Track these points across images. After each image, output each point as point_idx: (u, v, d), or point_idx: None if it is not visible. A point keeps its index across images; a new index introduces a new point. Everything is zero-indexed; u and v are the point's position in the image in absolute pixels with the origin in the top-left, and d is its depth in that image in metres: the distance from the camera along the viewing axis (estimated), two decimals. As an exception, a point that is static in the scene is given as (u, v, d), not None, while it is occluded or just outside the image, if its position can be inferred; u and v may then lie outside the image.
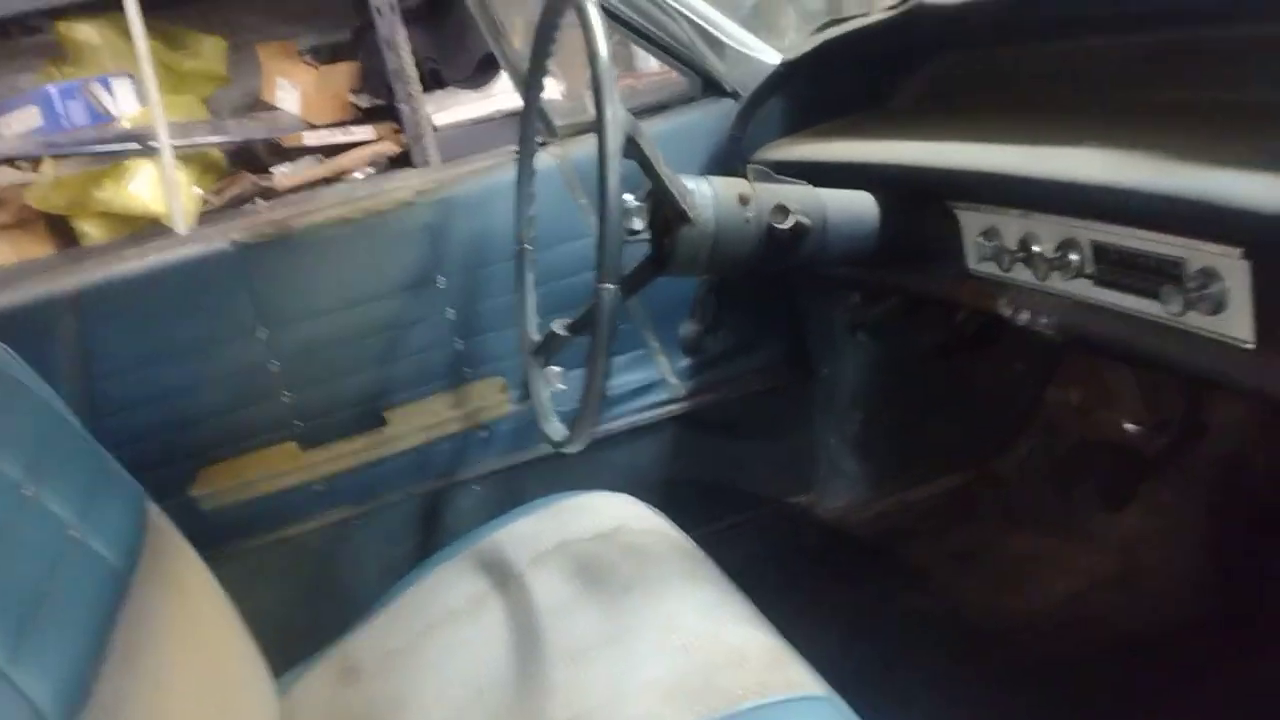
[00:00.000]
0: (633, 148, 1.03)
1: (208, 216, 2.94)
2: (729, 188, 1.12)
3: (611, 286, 0.95)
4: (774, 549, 1.72)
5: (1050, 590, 1.63)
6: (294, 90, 2.28)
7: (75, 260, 1.42)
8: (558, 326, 1.23)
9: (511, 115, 1.96)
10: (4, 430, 1.04)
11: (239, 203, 3.05)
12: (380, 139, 2.13)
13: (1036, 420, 1.89)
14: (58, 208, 2.87)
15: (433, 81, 2.09)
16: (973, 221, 1.12)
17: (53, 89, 2.14)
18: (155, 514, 1.21)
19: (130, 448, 1.24)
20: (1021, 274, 1.05)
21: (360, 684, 1.24)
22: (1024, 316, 1.07)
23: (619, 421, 1.68)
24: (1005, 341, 1.41)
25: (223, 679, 1.12)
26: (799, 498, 1.87)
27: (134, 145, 2.08)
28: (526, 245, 1.34)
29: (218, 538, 1.37)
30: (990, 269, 1.11)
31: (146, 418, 1.44)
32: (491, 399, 1.62)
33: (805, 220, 1.15)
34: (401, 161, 2.05)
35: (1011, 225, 1.05)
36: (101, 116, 2.27)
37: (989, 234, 1.10)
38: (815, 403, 1.83)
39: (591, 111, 0.98)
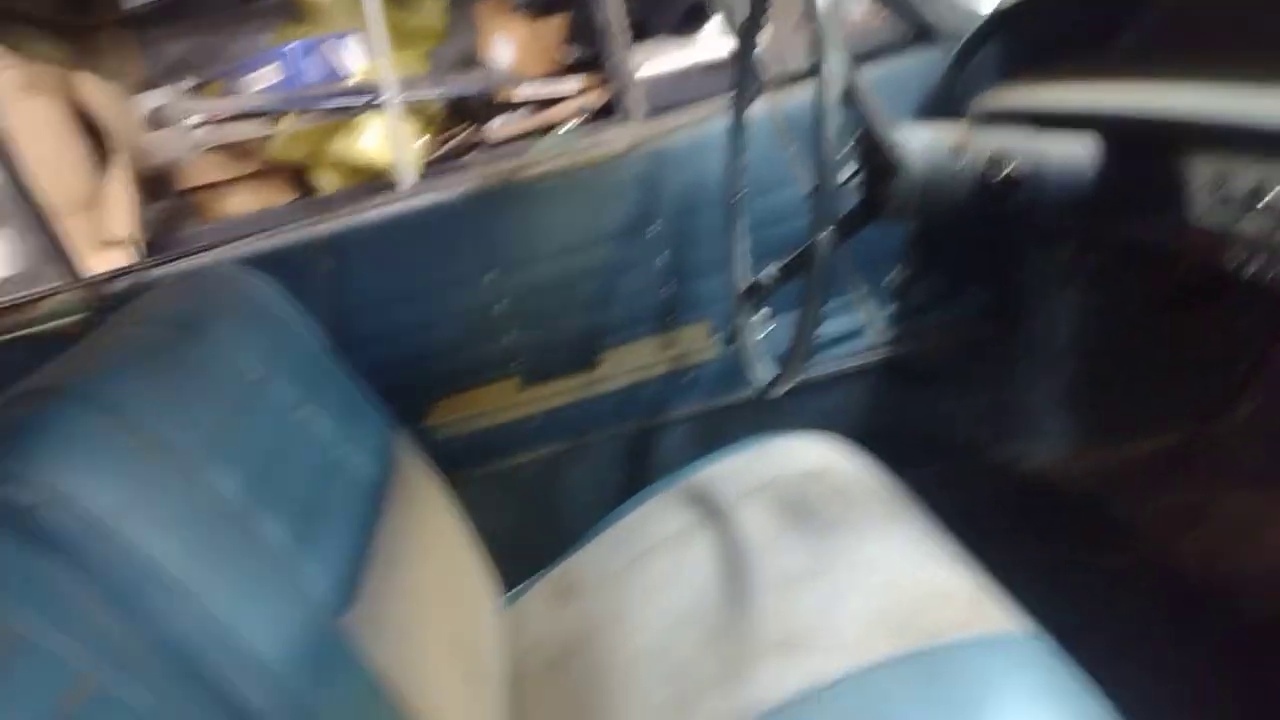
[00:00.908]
0: (851, 97, 1.05)
1: (429, 168, 3.12)
2: (941, 137, 1.13)
3: (829, 235, 0.99)
4: (974, 500, 1.72)
5: (1274, 550, 1.57)
6: (508, 45, 2.38)
7: (324, 208, 1.57)
8: (766, 273, 1.28)
9: (715, 66, 1.99)
10: (279, 360, 1.17)
11: (457, 154, 3.21)
12: (588, 91, 2.21)
13: (1260, 381, 1.80)
14: (295, 159, 3.11)
15: (640, 32, 2.14)
16: (1202, 169, 1.09)
17: (292, 47, 2.27)
18: (400, 440, 1.34)
19: (377, 378, 1.37)
20: (1252, 225, 1.02)
21: (576, 602, 1.34)
22: (1252, 270, 1.04)
23: (821, 368, 1.71)
24: (1230, 296, 1.36)
25: (459, 589, 1.24)
26: (1001, 450, 1.85)
27: (364, 99, 2.23)
28: (738, 194, 1.39)
29: (449, 464, 1.48)
30: (1218, 219, 1.08)
31: (389, 351, 1.58)
32: (699, 343, 1.68)
33: (1020, 170, 1.15)
34: (608, 112, 2.12)
35: (1244, 173, 1.02)
36: (334, 73, 2.44)
37: (1219, 182, 1.06)
38: (1021, 354, 1.80)
39: (798, 60, 1.00)
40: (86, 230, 3.19)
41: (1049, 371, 1.81)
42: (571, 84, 2.24)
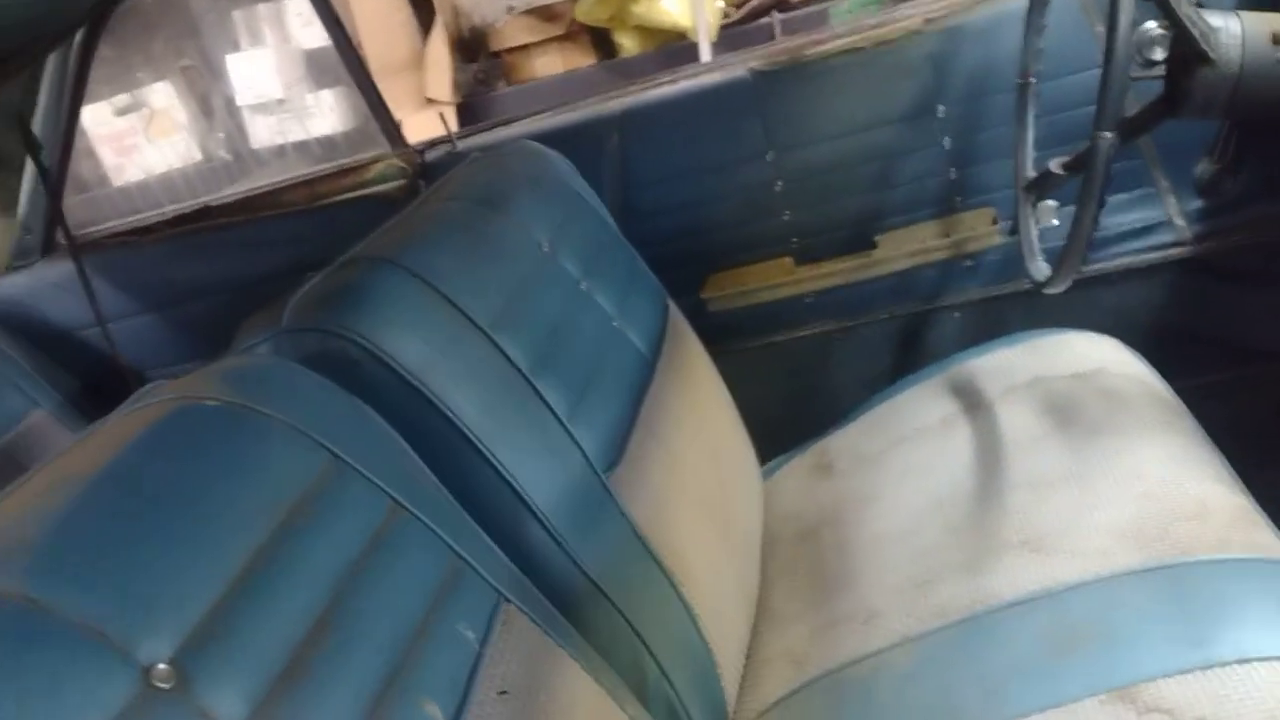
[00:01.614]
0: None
1: (726, 31, 3.13)
2: (1261, 24, 1.03)
3: (1109, 135, 0.94)
4: (1262, 411, 1.60)
5: None
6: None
7: (620, 73, 1.64)
8: (1054, 165, 1.23)
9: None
10: (567, 233, 1.27)
11: (755, 16, 3.20)
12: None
13: None
14: (600, 21, 3.22)
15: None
16: None
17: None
18: (673, 311, 1.42)
19: (653, 250, 1.44)
20: None
21: (832, 479, 1.39)
22: None
23: (1113, 262, 1.63)
24: None
25: (720, 456, 1.33)
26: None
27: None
28: (1031, 78, 1.33)
29: (718, 336, 1.56)
30: None
31: (668, 225, 1.66)
32: (980, 229, 1.64)
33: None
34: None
35: None
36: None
37: None
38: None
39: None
40: (408, 90, 3.47)
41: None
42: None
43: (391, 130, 1.73)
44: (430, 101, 3.32)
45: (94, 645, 0.57)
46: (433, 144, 1.71)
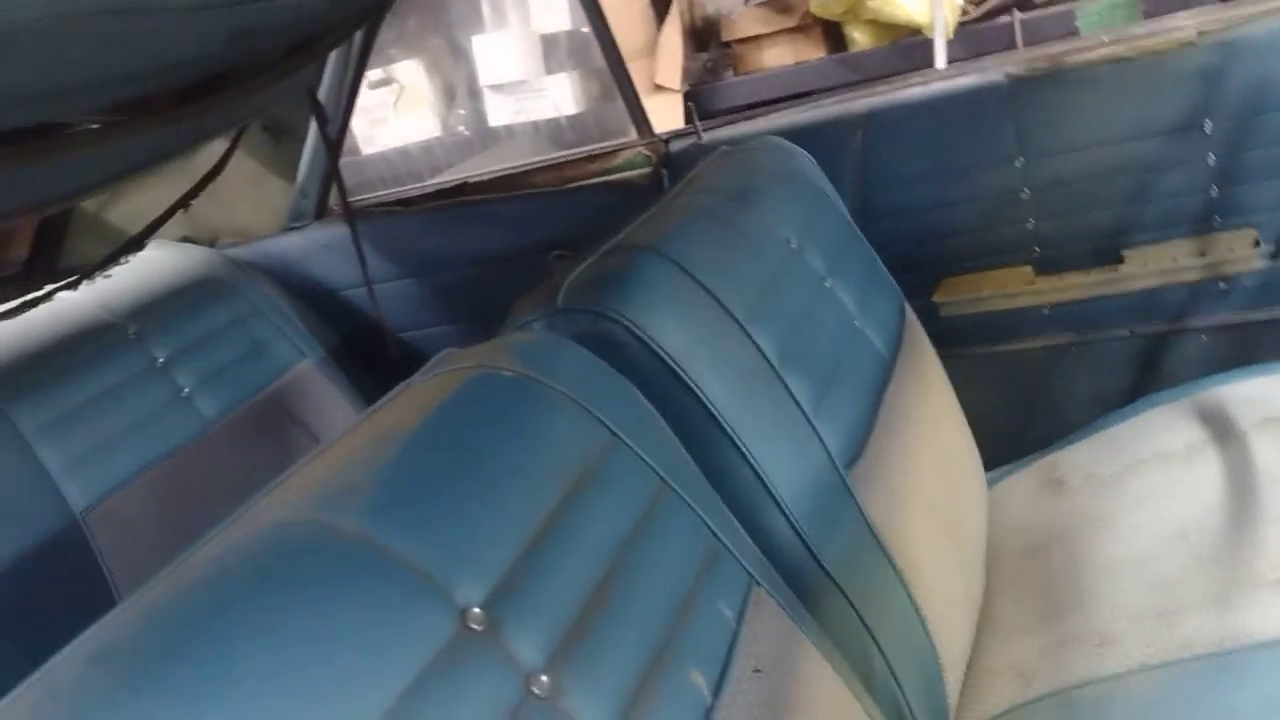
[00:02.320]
0: None
1: (964, 28, 3.06)
2: None
3: None
4: None
5: None
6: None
7: (850, 67, 1.64)
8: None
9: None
10: (813, 230, 1.30)
11: (994, 14, 3.12)
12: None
13: None
14: (834, 14, 3.21)
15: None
16: None
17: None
18: (909, 312, 1.43)
19: (888, 251, 1.45)
20: None
21: (1063, 496, 1.37)
22: None
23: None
24: None
25: (950, 461, 1.33)
26: None
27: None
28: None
29: (948, 341, 1.55)
30: None
31: (905, 227, 1.66)
32: (1239, 251, 1.56)
33: None
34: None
35: None
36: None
37: None
38: None
39: None
40: (636, 76, 3.55)
41: None
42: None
43: (640, 119, 1.80)
44: (658, 88, 3.39)
45: (420, 585, 0.64)
46: (678, 134, 1.76)
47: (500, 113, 3.29)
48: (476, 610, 0.65)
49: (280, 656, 0.56)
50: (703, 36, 3.52)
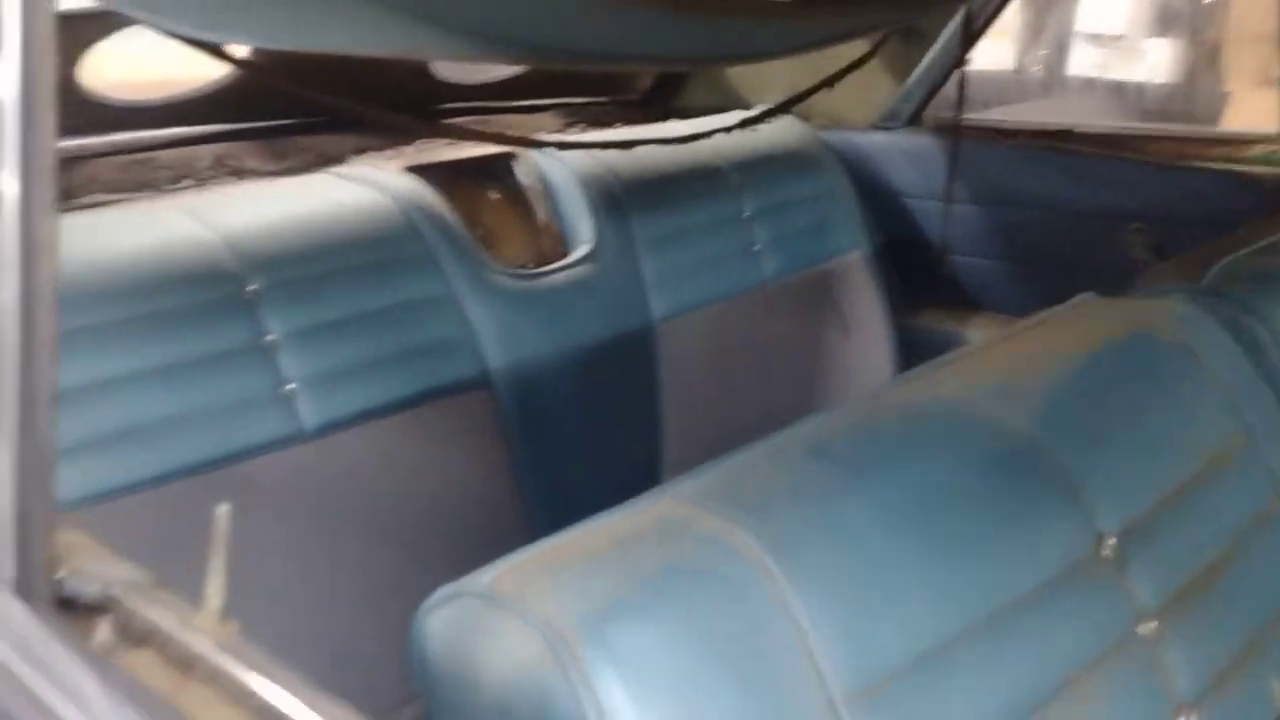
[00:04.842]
0: None
1: None
2: None
3: None
4: None
5: None
6: None
7: None
8: None
9: None
10: None
11: None
12: None
13: None
14: None
15: None
16: None
17: None
18: None
19: None
20: None
21: None
22: None
23: None
24: None
25: None
26: None
27: None
28: None
29: None
30: None
31: None
32: None
33: None
34: None
35: None
36: None
37: None
38: None
39: None
40: (1250, 63, 3.23)
41: None
42: None
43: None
44: (1269, 81, 3.08)
45: (1069, 501, 0.70)
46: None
47: (1084, 63, 3.16)
48: (1112, 540, 0.70)
49: (888, 509, 0.65)
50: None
